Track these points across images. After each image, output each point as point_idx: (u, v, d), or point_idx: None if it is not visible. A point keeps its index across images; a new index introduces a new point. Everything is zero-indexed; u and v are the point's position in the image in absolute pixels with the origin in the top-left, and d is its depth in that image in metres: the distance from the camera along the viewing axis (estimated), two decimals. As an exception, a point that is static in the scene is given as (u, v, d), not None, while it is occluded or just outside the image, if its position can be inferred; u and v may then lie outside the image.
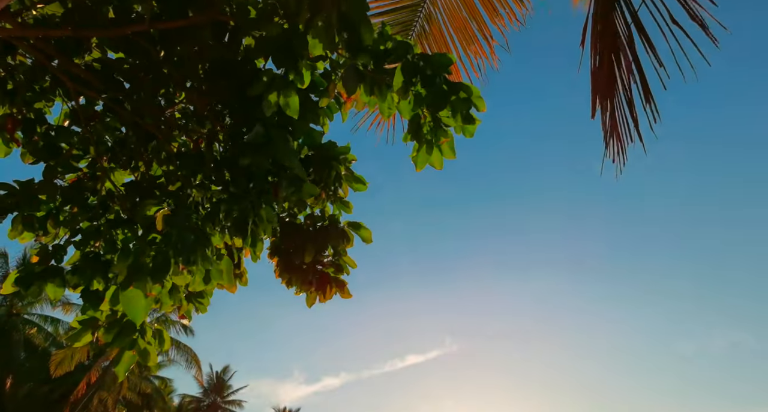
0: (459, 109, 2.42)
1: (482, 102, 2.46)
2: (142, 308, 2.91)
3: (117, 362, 2.87)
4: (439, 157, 2.78)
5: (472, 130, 2.49)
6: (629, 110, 2.68)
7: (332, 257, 4.12)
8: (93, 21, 2.65)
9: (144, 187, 3.63)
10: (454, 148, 2.77)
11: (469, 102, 2.40)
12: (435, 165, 2.82)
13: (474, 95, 2.42)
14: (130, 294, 2.97)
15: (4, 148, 3.32)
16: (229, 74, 3.03)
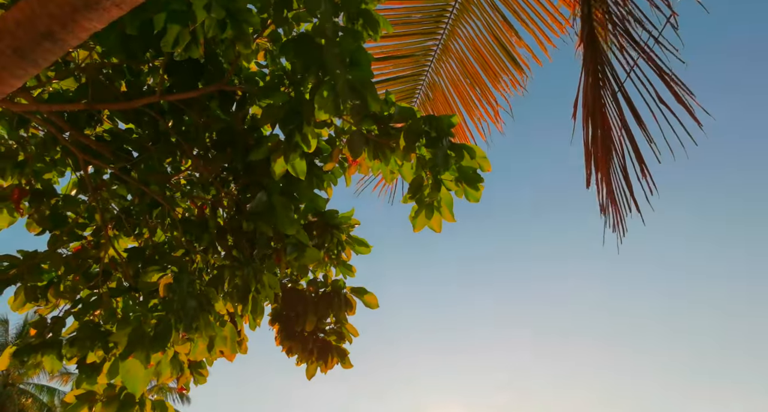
0: (463, 171, 2.44)
1: (487, 162, 2.48)
2: (141, 379, 2.80)
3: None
4: (439, 220, 2.77)
5: (478, 196, 2.50)
6: (625, 182, 2.73)
7: (334, 325, 4.03)
8: (106, 95, 2.74)
9: (147, 253, 3.61)
10: (452, 212, 2.76)
11: (474, 163, 2.42)
12: (434, 228, 2.80)
13: (478, 156, 2.44)
14: (130, 365, 2.87)
15: (8, 218, 3.33)
16: (235, 142, 3.09)
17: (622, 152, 2.72)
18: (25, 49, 1.69)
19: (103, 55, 2.81)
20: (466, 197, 2.54)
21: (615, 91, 2.68)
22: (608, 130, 2.74)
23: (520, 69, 3.90)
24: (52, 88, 3.05)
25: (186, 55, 2.16)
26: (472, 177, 2.46)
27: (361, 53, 2.28)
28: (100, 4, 1.68)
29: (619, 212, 2.75)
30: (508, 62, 3.88)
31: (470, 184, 2.47)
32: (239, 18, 2.18)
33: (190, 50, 2.13)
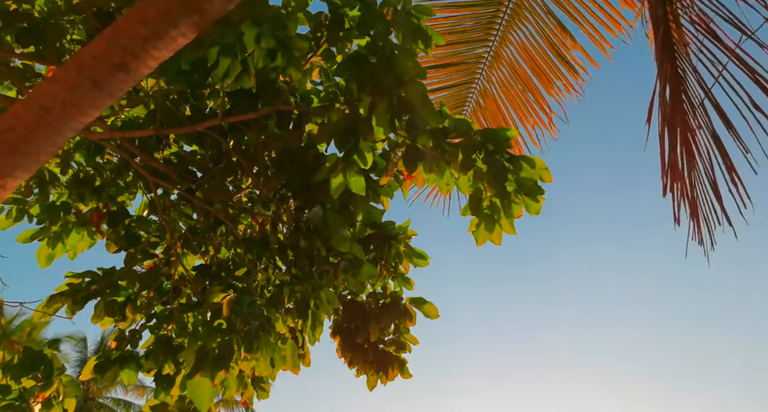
0: (523, 183, 2.39)
1: (547, 173, 2.42)
2: (207, 395, 2.90)
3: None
4: (499, 234, 2.72)
5: (538, 208, 2.44)
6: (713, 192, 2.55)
7: (393, 335, 4.02)
8: (172, 120, 2.89)
9: (213, 270, 3.75)
10: (513, 225, 2.71)
11: (534, 175, 2.37)
12: (494, 240, 2.76)
13: (539, 167, 2.39)
14: (197, 381, 2.98)
15: (90, 240, 3.56)
16: (293, 160, 3.17)
17: (709, 161, 2.56)
18: (101, 81, 1.81)
19: (169, 82, 2.97)
20: (526, 210, 2.49)
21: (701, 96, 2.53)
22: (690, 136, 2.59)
23: (575, 73, 3.80)
24: (124, 115, 3.25)
25: (237, 86, 2.25)
26: (532, 189, 2.41)
27: (415, 70, 2.30)
28: (168, 34, 1.78)
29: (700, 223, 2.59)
30: (563, 67, 3.80)
31: (530, 195, 2.42)
32: (288, 45, 2.25)
33: (242, 80, 2.22)
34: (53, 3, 2.40)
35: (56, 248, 3.52)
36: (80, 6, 2.39)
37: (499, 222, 2.64)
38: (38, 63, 2.57)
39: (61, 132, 1.90)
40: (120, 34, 1.78)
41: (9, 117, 1.82)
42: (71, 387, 3.13)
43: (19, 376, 3.00)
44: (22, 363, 3.01)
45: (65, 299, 3.22)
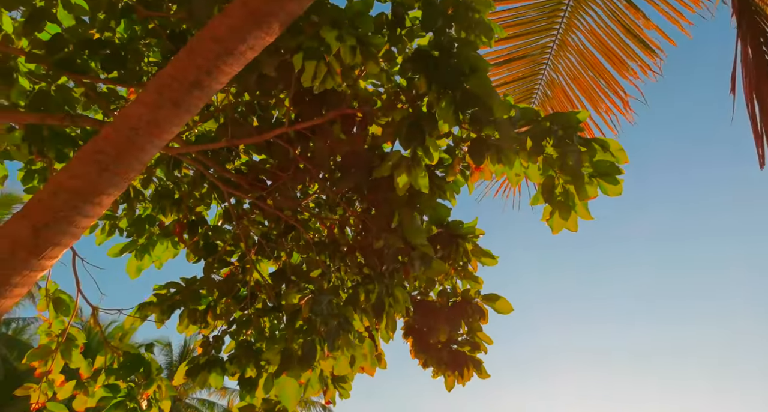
0: (598, 166, 2.30)
1: (623, 154, 2.31)
2: (294, 395, 2.99)
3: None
4: (575, 220, 2.63)
5: (618, 189, 2.34)
6: None
7: (467, 335, 3.97)
8: (241, 131, 3.01)
9: (287, 275, 3.86)
10: (588, 209, 2.61)
11: (609, 157, 2.27)
12: (570, 228, 2.67)
13: (613, 149, 2.29)
14: (283, 382, 3.07)
15: (173, 250, 3.77)
16: (358, 162, 3.21)
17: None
18: (179, 100, 1.91)
19: (237, 95, 3.09)
20: (605, 192, 2.38)
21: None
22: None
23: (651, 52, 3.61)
24: (197, 130, 3.42)
25: (323, 87, 2.31)
26: (609, 170, 2.31)
27: (477, 61, 2.27)
28: (237, 50, 1.85)
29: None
30: (636, 47, 3.61)
31: (607, 178, 2.32)
32: (366, 42, 2.28)
33: (327, 81, 2.28)
34: (131, 29, 2.56)
35: (143, 260, 3.75)
36: (155, 29, 2.54)
37: (574, 208, 2.55)
38: (120, 86, 2.74)
39: (146, 150, 2.01)
40: (194, 53, 1.87)
41: (100, 139, 1.95)
42: (168, 388, 3.32)
43: (124, 377, 3.23)
44: (124, 366, 3.23)
45: (154, 309, 3.43)
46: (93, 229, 3.82)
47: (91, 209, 2.01)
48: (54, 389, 3.38)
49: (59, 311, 3.42)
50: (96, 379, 3.35)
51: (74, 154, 2.74)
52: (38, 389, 3.39)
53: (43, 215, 1.94)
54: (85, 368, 3.44)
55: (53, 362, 3.37)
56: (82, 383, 3.37)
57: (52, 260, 2.07)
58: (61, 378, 3.41)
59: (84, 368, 3.43)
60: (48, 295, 3.43)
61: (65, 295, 3.47)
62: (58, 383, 3.40)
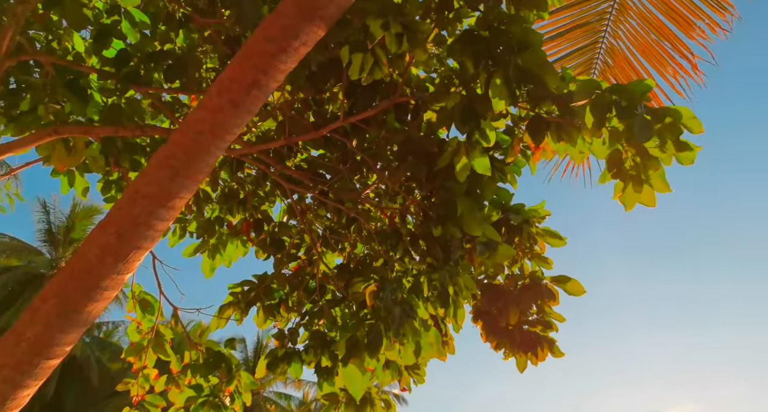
0: (667, 136, 2.17)
1: (697, 123, 2.17)
2: (360, 382, 3.05)
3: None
4: (651, 194, 2.49)
5: (692, 156, 2.20)
6: None
7: (538, 315, 3.89)
8: (299, 128, 3.07)
9: (352, 266, 3.92)
10: (666, 180, 2.47)
11: (679, 127, 2.14)
12: (646, 202, 2.53)
13: (685, 117, 2.15)
14: (350, 370, 3.14)
15: (243, 249, 3.92)
16: (415, 150, 3.20)
17: None
18: (239, 101, 1.97)
19: (292, 93, 3.16)
20: (679, 161, 2.25)
21: None
22: None
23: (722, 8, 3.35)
24: (256, 130, 3.52)
25: (371, 79, 2.32)
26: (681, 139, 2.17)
27: (529, 35, 2.19)
28: (291, 47, 1.89)
29: None
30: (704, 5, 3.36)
31: (680, 147, 2.19)
32: (412, 28, 2.27)
33: (375, 72, 2.29)
34: (189, 38, 2.67)
35: (216, 259, 3.92)
36: (211, 36, 2.64)
37: (648, 181, 2.42)
38: (182, 94, 2.87)
39: (212, 152, 2.10)
40: (250, 54, 1.93)
41: (170, 145, 2.05)
42: (248, 382, 3.47)
43: (207, 374, 3.40)
44: (207, 363, 3.40)
45: (234, 308, 3.59)
46: (165, 232, 4.03)
47: (166, 212, 2.12)
48: (150, 382, 3.63)
49: (145, 311, 3.65)
50: (186, 373, 3.56)
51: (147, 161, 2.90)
52: (136, 383, 3.65)
53: (125, 222, 2.07)
54: (175, 363, 3.66)
55: (146, 358, 3.62)
56: (173, 378, 3.59)
57: (135, 263, 2.20)
58: (155, 372, 3.66)
59: (174, 363, 3.66)
60: (134, 297, 3.66)
61: (149, 296, 3.70)
62: (153, 377, 3.65)
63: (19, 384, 1.91)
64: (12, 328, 1.98)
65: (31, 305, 1.98)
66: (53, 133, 2.54)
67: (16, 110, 2.62)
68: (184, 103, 3.15)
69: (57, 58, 2.61)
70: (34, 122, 2.61)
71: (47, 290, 2.01)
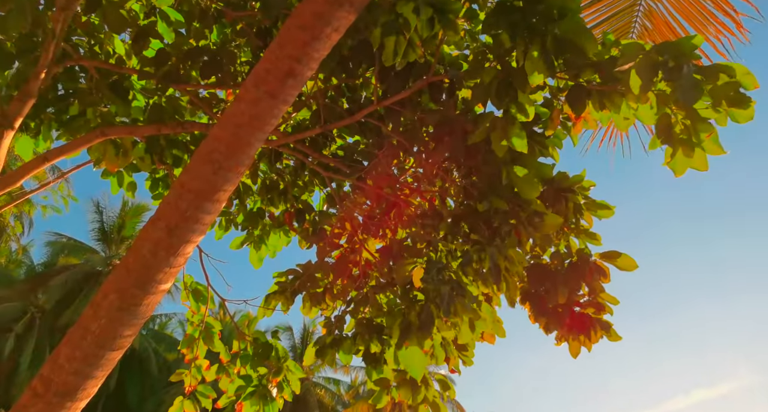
0: (721, 94, 2.05)
1: (751, 79, 2.04)
2: (419, 363, 3.06)
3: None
4: (703, 157, 2.37)
5: (748, 114, 2.08)
6: None
7: (589, 297, 3.80)
8: (333, 115, 3.08)
9: (394, 251, 3.93)
10: (719, 142, 2.34)
11: (735, 83, 2.02)
12: (698, 167, 2.42)
13: (739, 74, 2.03)
14: (407, 352, 3.16)
15: (286, 239, 3.98)
16: (452, 130, 3.16)
17: None
18: (275, 91, 1.99)
19: (325, 81, 3.16)
20: (734, 119, 2.13)
21: None
22: None
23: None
24: (292, 120, 3.55)
25: (405, 62, 2.29)
26: (736, 96, 2.05)
27: (566, 2, 2.11)
28: (324, 33, 1.89)
29: None
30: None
31: (735, 104, 2.07)
32: (444, 9, 2.22)
33: (408, 55, 2.26)
34: (223, 33, 2.71)
35: (261, 250, 4.01)
36: (243, 30, 2.66)
37: (699, 144, 2.31)
38: (219, 89, 2.92)
39: (251, 144, 2.13)
40: (283, 43, 1.93)
41: (211, 140, 2.09)
42: (296, 371, 3.55)
43: (256, 365, 3.50)
44: (256, 353, 3.50)
45: (279, 297, 3.66)
46: (212, 226, 4.14)
47: (211, 206, 2.17)
48: (202, 373, 3.77)
49: (199, 301, 3.78)
50: (235, 362, 3.68)
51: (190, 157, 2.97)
52: (189, 374, 3.80)
53: (173, 216, 2.13)
54: (224, 354, 3.79)
55: (198, 349, 3.75)
56: (223, 367, 3.72)
57: (185, 256, 2.26)
58: (207, 363, 3.80)
59: (223, 354, 3.78)
60: (187, 287, 3.79)
61: (201, 286, 3.82)
62: (205, 368, 3.78)
63: (88, 375, 2.01)
64: (77, 323, 2.08)
65: (93, 300, 2.07)
66: (101, 135, 2.63)
67: (66, 115, 2.73)
68: (221, 99, 3.21)
69: (100, 61, 2.70)
70: (84, 126, 2.72)
71: (107, 285, 2.10)
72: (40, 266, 26.72)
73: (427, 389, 3.16)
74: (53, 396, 1.93)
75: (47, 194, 12.41)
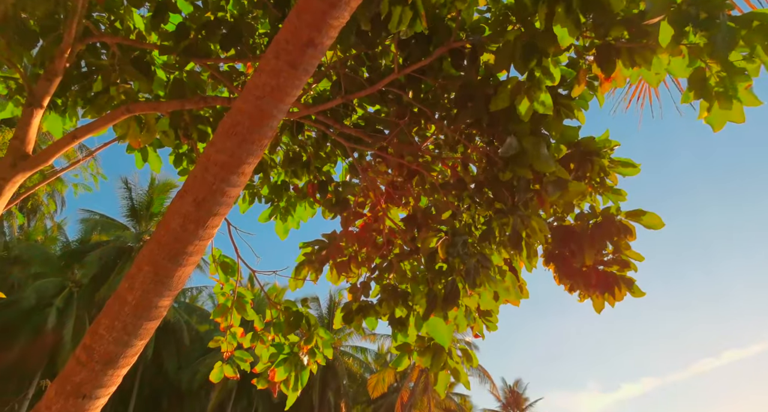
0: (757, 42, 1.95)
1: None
2: (446, 333, 3.11)
3: (435, 382, 3.11)
4: (740, 109, 2.28)
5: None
6: None
7: (613, 255, 3.76)
8: (354, 85, 3.06)
9: (418, 219, 3.94)
10: (753, 93, 2.25)
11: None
12: (736, 119, 2.33)
13: (776, 18, 1.93)
14: (434, 322, 3.21)
15: (311, 210, 4.03)
16: (474, 96, 3.11)
17: None
18: (296, 61, 1.97)
19: (344, 50, 3.13)
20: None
21: None
22: None
23: None
24: (313, 92, 3.54)
25: (411, 32, 2.25)
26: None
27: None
28: (342, 0, 1.86)
29: None
30: None
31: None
32: None
33: (415, 25, 2.21)
34: (241, 5, 2.69)
35: (287, 222, 4.06)
36: (261, 0, 2.63)
37: (736, 96, 2.22)
38: (238, 63, 2.91)
39: (274, 116, 2.13)
40: (302, 13, 1.91)
41: (234, 113, 2.10)
42: (327, 338, 3.64)
43: (289, 332, 3.60)
44: (288, 322, 3.59)
45: (308, 267, 3.73)
46: (236, 200, 4.20)
47: (237, 179, 2.20)
48: (237, 339, 3.90)
49: (227, 273, 3.88)
50: (269, 330, 3.79)
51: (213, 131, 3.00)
52: (225, 340, 3.93)
53: (201, 190, 2.16)
54: (258, 322, 3.90)
55: (231, 318, 3.88)
56: (257, 335, 3.84)
57: (214, 228, 2.31)
58: (241, 330, 3.93)
59: (257, 322, 3.90)
60: (215, 260, 3.88)
61: (229, 259, 3.91)
62: (240, 335, 3.91)
63: (127, 343, 2.10)
64: (114, 294, 2.16)
65: (128, 273, 2.14)
66: (126, 111, 2.67)
67: (90, 92, 2.77)
68: (241, 72, 3.20)
69: (121, 37, 2.71)
70: (108, 103, 2.75)
71: (140, 259, 2.16)
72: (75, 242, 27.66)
73: (449, 356, 3.21)
74: (96, 364, 2.03)
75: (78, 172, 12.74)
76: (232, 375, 3.91)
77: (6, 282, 23.09)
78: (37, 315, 22.24)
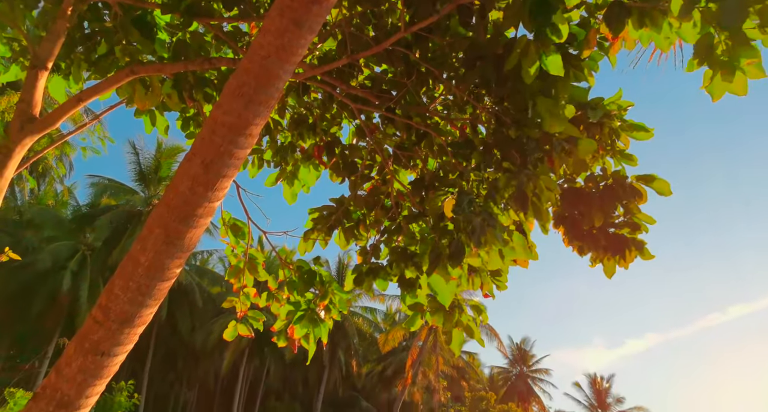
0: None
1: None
2: (448, 290, 3.15)
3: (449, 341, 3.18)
4: (743, 81, 2.24)
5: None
6: None
7: (624, 217, 3.75)
8: (359, 45, 3.00)
9: (426, 181, 3.93)
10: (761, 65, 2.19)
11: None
12: (737, 91, 2.28)
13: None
14: (436, 279, 3.25)
15: (316, 173, 4.02)
16: (482, 55, 3.05)
17: None
18: (300, 19, 1.94)
19: (349, 8, 3.05)
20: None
21: None
22: None
23: None
24: (318, 52, 3.47)
25: None
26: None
27: None
28: (346, -46, 1.80)
29: None
30: None
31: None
32: None
33: None
34: (242, -40, 2.61)
35: (294, 186, 4.07)
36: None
37: (740, 67, 2.17)
38: (242, 22, 2.86)
39: (279, 76, 2.11)
40: (305, -32, 1.86)
41: (240, 74, 2.08)
42: (341, 294, 3.71)
43: (304, 290, 3.67)
44: (302, 279, 3.65)
45: (318, 233, 3.76)
46: (245, 165, 4.20)
47: (244, 140, 2.20)
48: (251, 300, 3.99)
49: (237, 236, 3.92)
50: (283, 289, 3.86)
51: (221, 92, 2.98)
52: (239, 300, 4.02)
53: (209, 152, 2.17)
54: (271, 282, 3.97)
55: (244, 278, 3.95)
56: (272, 294, 3.92)
57: (223, 190, 2.32)
58: (255, 291, 4.01)
59: (271, 282, 3.97)
60: (225, 223, 3.92)
61: (239, 221, 3.95)
62: (253, 295, 4.00)
63: (141, 303, 2.16)
64: (127, 256, 2.20)
65: (140, 236, 2.17)
66: (130, 73, 2.64)
67: (95, 54, 2.74)
68: (245, 33, 3.14)
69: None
70: (113, 65, 2.73)
71: (151, 222, 2.19)
72: (85, 206, 27.99)
73: (460, 314, 3.27)
74: (112, 323, 2.09)
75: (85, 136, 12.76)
76: (246, 334, 4.01)
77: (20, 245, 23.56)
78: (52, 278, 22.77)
